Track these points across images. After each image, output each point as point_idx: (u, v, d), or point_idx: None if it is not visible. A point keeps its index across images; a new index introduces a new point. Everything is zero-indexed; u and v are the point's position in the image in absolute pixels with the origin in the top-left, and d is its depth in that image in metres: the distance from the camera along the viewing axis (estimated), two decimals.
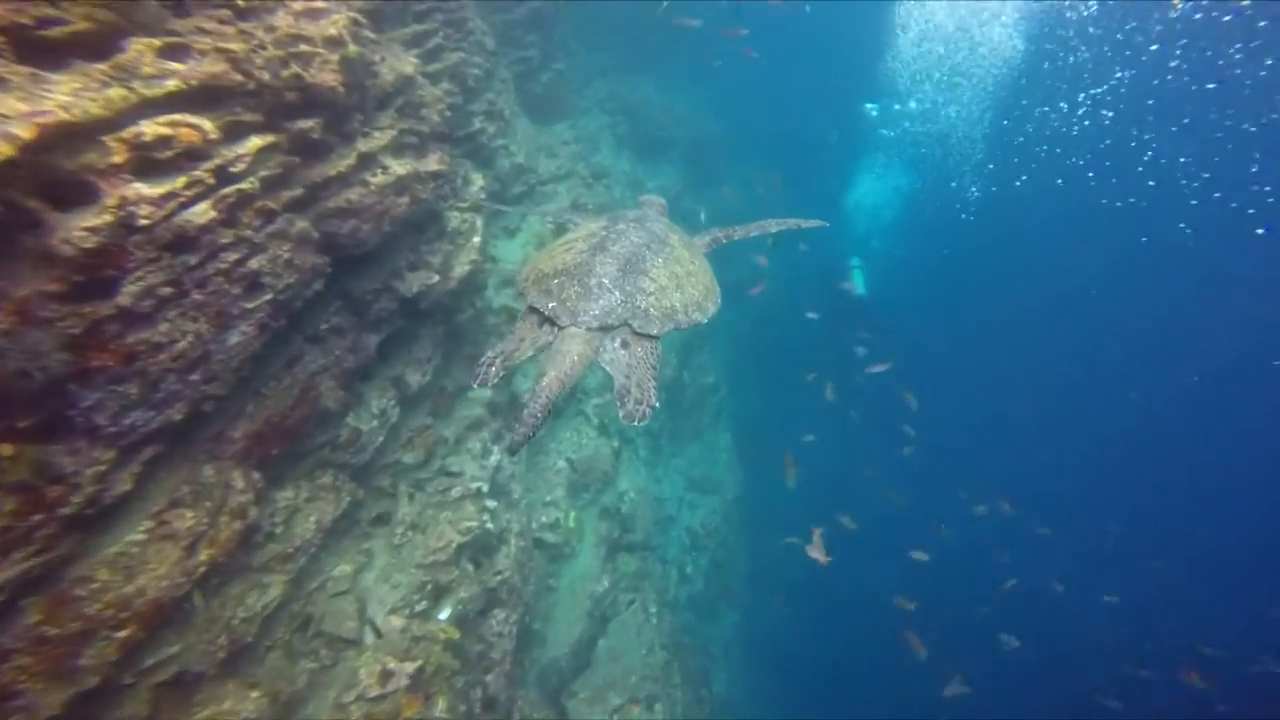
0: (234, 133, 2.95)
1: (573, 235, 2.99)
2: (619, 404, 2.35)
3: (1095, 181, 17.88)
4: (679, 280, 2.73)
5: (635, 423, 2.30)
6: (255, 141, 2.95)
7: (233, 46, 2.90)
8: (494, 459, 6.14)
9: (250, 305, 3.09)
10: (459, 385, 6.01)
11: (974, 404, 15.91)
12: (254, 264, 3.02)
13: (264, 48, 3.09)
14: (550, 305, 2.48)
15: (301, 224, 3.42)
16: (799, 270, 13.71)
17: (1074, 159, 17.61)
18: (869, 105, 16.21)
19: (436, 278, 4.73)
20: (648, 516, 9.33)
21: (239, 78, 2.91)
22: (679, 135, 13.48)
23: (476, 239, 5.40)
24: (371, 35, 4.02)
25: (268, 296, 3.17)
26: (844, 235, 13.51)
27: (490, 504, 5.74)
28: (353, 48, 3.56)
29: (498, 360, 2.45)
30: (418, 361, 5.25)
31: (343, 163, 3.66)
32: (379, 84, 4.26)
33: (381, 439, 4.95)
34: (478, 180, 6.02)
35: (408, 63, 4.63)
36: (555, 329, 2.45)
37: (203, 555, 3.06)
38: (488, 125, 7.17)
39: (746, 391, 13.96)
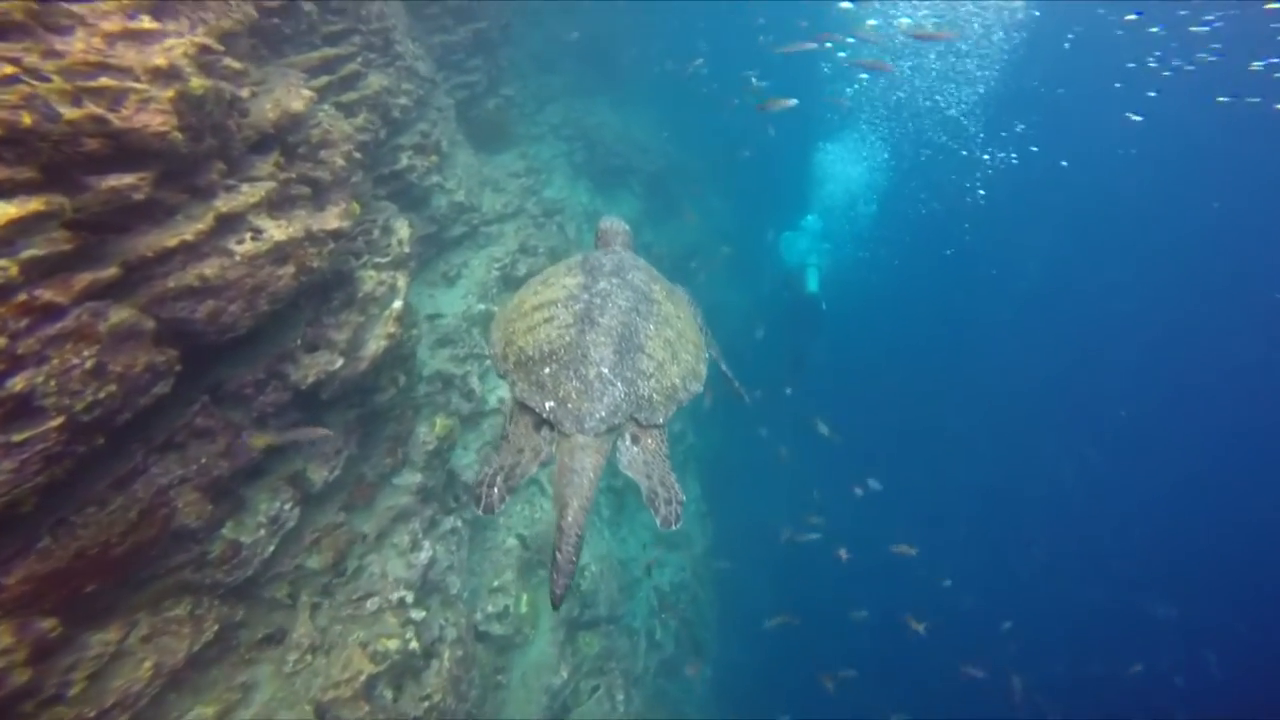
0: None
1: (546, 293, 2.64)
2: (651, 510, 2.20)
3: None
4: (672, 347, 2.53)
5: (672, 527, 2.18)
6: (7, 210, 2.03)
7: None
8: (425, 554, 5.19)
9: (20, 438, 2.15)
10: (381, 472, 5.06)
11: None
12: (17, 384, 2.09)
13: (43, 78, 2.19)
14: (548, 406, 2.21)
15: (122, 314, 2.50)
16: (758, 295, 13.48)
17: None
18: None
19: (341, 361, 3.82)
20: (612, 585, 8.44)
21: None
22: (639, 162, 12.85)
23: (397, 304, 4.51)
24: (234, 64, 3.15)
25: (53, 422, 2.23)
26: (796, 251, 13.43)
27: (416, 615, 4.78)
28: (197, 82, 2.68)
29: (499, 480, 2.21)
30: (323, 455, 4.29)
31: (190, 228, 2.76)
32: (254, 123, 3.38)
33: (272, 548, 3.95)
34: (402, 229, 5.14)
35: (299, 96, 3.77)
36: (555, 433, 2.22)
37: None
38: (418, 161, 6.30)
39: (714, 434, 13.30)
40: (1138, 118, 17.16)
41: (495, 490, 2.19)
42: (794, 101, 6.27)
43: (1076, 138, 19.15)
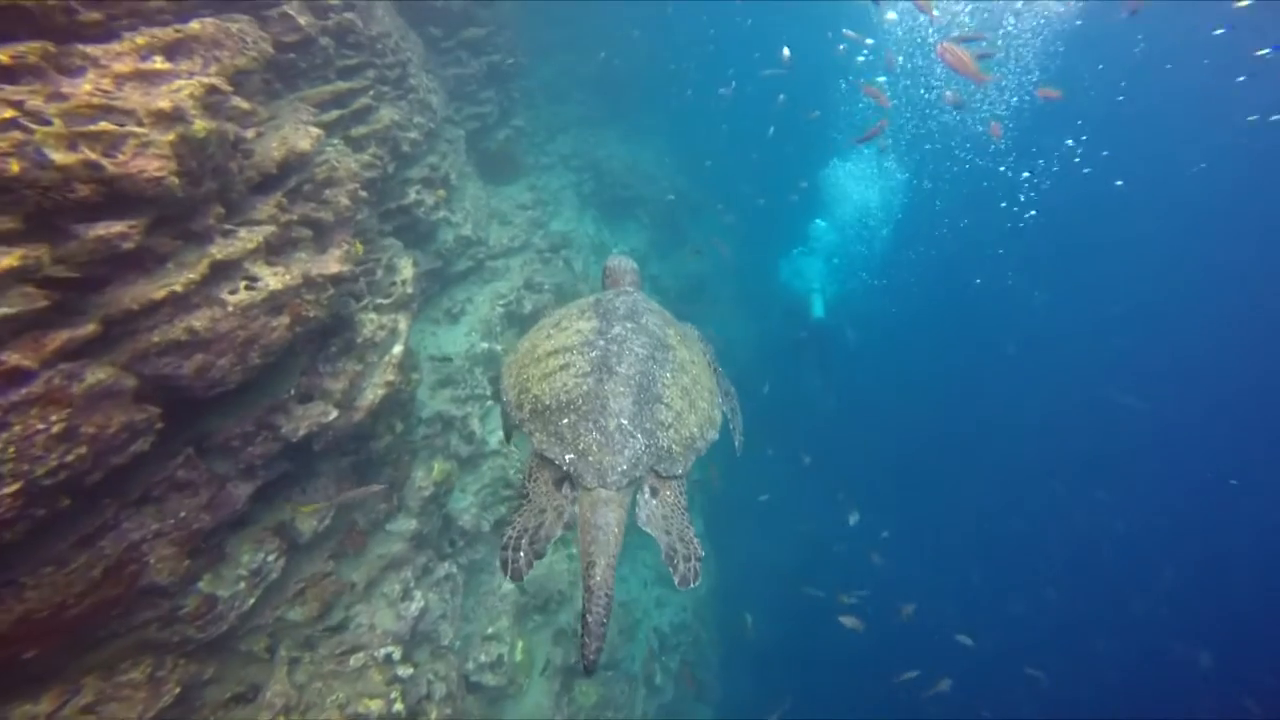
0: None
1: (559, 337, 2.60)
2: (670, 568, 2.16)
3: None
4: (689, 396, 2.49)
5: (690, 586, 2.14)
6: None
7: None
8: (416, 604, 4.95)
9: None
10: (374, 519, 4.85)
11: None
12: None
13: (44, 121, 2.07)
14: (568, 459, 2.16)
15: (99, 374, 2.35)
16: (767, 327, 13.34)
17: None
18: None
19: (335, 414, 3.65)
20: (612, 629, 8.10)
21: None
22: (647, 193, 12.83)
23: (398, 349, 4.35)
24: (243, 104, 3.05)
25: (7, 489, 2.06)
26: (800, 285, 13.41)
27: (403, 671, 4.53)
28: (201, 124, 2.56)
29: (524, 543, 2.14)
30: (314, 503, 4.09)
31: (180, 278, 2.61)
32: (257, 164, 3.27)
33: (253, 601, 3.73)
34: (406, 268, 5.02)
35: (305, 135, 3.66)
36: (575, 489, 2.18)
37: None
38: (425, 195, 6.20)
39: (720, 468, 13.06)
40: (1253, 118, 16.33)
41: (522, 555, 2.12)
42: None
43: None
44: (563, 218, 10.11)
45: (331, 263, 3.63)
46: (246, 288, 2.88)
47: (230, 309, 2.79)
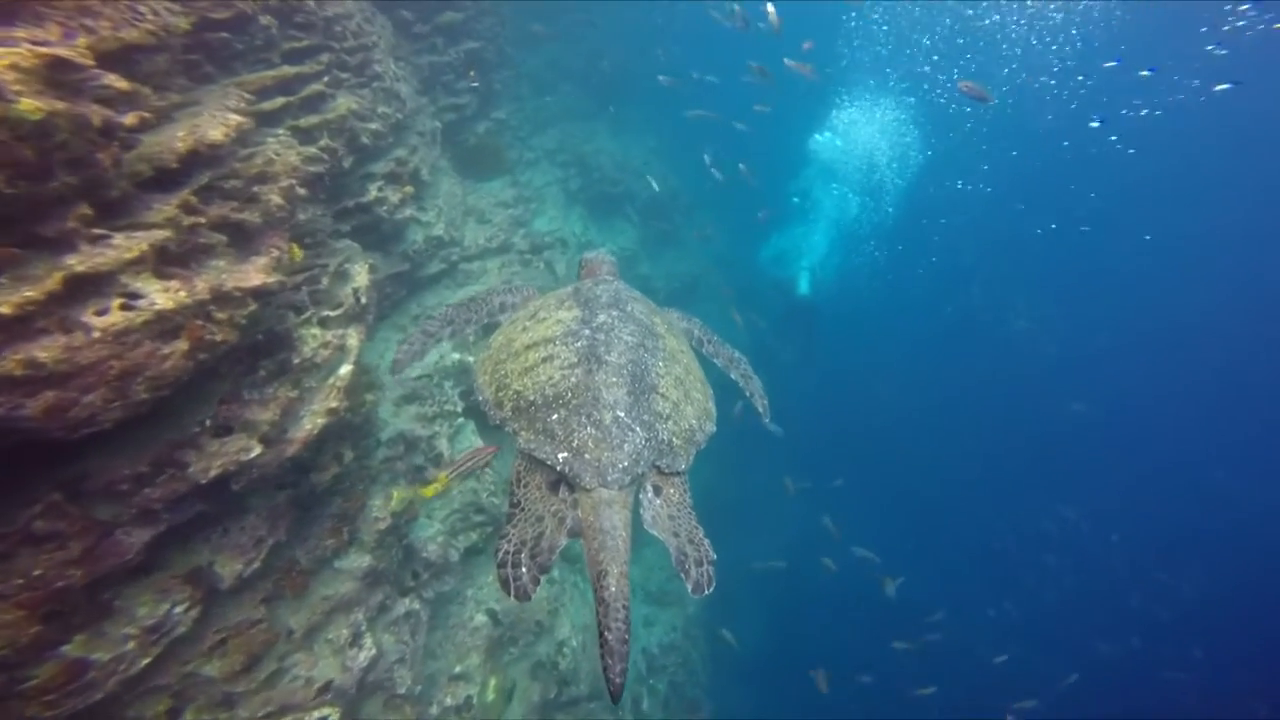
0: None
1: (538, 329, 2.42)
2: (681, 574, 2.00)
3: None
4: (683, 385, 2.38)
5: (705, 592, 1.99)
6: None
7: None
8: (366, 652, 4.40)
9: None
10: (319, 556, 4.30)
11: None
12: None
13: None
14: (562, 458, 1.98)
15: None
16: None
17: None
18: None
19: (258, 450, 3.10)
20: (595, 655, 7.60)
21: None
22: (637, 189, 12.27)
23: (345, 369, 3.80)
24: (119, 84, 2.48)
25: None
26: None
27: None
28: (29, 104, 2.01)
29: (523, 558, 1.90)
30: (238, 546, 3.54)
31: (11, 298, 2.05)
32: (150, 155, 2.71)
33: (147, 660, 3.14)
34: (360, 274, 4.46)
35: (221, 123, 3.11)
36: (572, 491, 1.99)
37: None
38: (389, 193, 5.64)
39: (708, 468, 12.57)
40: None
41: (524, 571, 1.87)
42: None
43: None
44: (547, 216, 9.55)
45: (254, 273, 3.08)
46: (122, 308, 2.33)
47: (97, 335, 2.24)
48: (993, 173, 17.89)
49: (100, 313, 2.30)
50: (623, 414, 2.06)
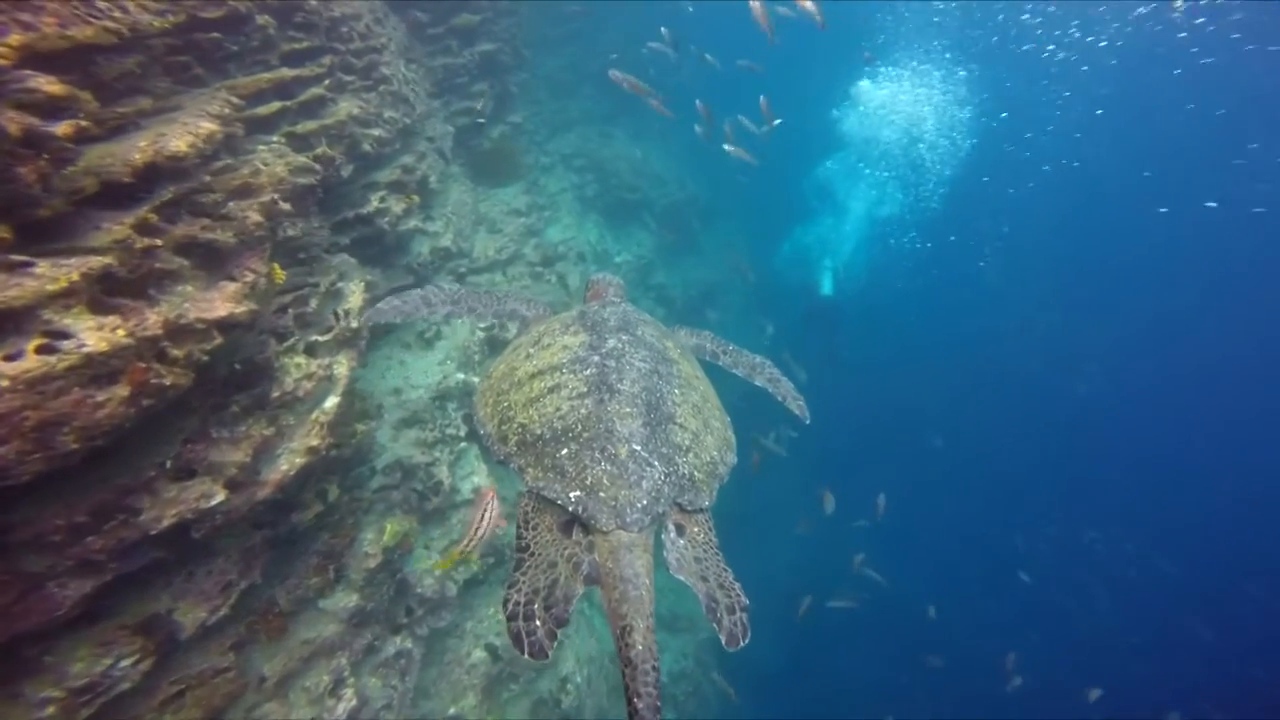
0: None
1: (543, 356, 2.26)
2: (712, 622, 1.80)
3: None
4: (702, 414, 2.22)
5: (741, 644, 1.78)
6: None
7: None
8: (346, 702, 4.06)
9: None
10: (301, 596, 3.98)
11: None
12: None
13: None
14: (574, 497, 1.80)
15: None
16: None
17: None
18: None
19: (222, 496, 2.77)
20: (602, 689, 7.23)
21: None
22: (655, 196, 11.88)
23: (331, 402, 3.47)
24: (51, 88, 2.16)
25: None
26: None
27: None
28: None
29: (537, 608, 1.67)
30: (202, 593, 3.22)
31: None
32: (99, 168, 2.39)
33: (86, 715, 2.81)
34: (354, 294, 4.14)
35: (188, 132, 2.78)
36: (587, 533, 1.80)
37: None
38: (393, 203, 5.32)
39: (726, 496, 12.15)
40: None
41: (538, 625, 1.66)
42: None
43: None
44: (561, 224, 9.21)
45: (221, 302, 2.75)
46: (40, 350, 2.00)
47: (4, 384, 1.91)
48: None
49: (11, 357, 1.97)
50: (639, 447, 1.91)
